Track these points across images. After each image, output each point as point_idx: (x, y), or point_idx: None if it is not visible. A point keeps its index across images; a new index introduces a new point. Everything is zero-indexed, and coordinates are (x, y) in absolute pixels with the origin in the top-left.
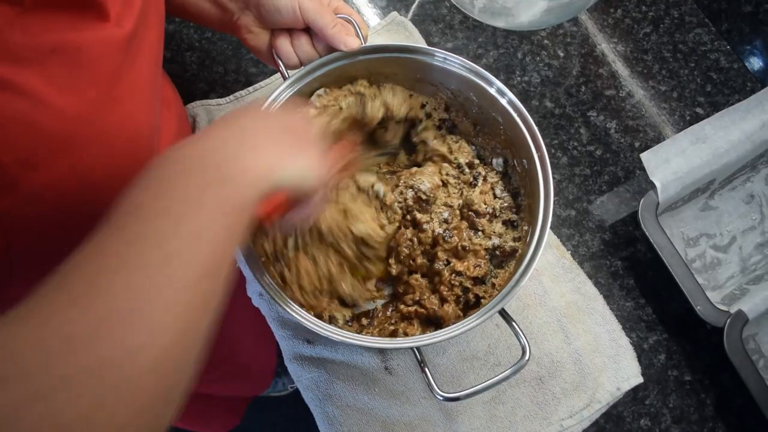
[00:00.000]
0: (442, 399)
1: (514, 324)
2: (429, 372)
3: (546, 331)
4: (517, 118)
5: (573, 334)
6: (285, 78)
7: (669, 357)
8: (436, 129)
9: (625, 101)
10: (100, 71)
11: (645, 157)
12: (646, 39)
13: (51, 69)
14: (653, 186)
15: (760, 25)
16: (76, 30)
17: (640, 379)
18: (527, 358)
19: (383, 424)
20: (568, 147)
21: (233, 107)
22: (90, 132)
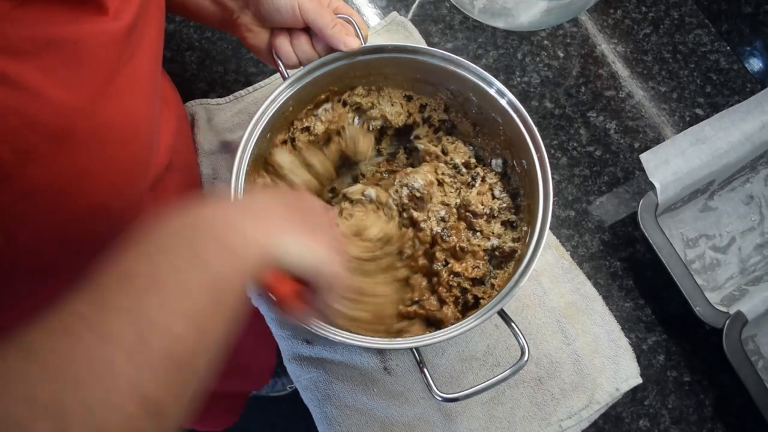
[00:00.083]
0: (441, 399)
1: (513, 325)
2: (428, 372)
3: (545, 331)
4: (517, 119)
5: (572, 335)
6: (284, 78)
7: (668, 358)
8: (432, 132)
9: (624, 102)
10: (98, 65)
11: (644, 157)
12: (646, 40)
13: (48, 62)
14: (653, 187)
15: (760, 26)
16: (73, 23)
17: (639, 380)
18: (526, 358)
19: (382, 424)
20: (567, 147)
21: (232, 106)
22: (88, 126)
